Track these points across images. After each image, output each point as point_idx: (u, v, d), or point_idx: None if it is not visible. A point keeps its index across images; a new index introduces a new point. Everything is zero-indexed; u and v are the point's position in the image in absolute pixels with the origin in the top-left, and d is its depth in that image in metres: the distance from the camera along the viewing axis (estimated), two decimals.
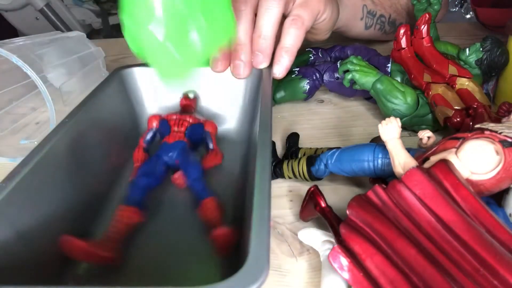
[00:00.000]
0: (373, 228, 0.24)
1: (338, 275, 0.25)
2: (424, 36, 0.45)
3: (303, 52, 0.53)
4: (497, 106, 0.39)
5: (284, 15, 0.39)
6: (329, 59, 0.52)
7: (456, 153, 0.25)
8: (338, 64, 0.46)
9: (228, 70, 0.40)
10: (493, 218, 0.22)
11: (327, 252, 0.26)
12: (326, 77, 0.48)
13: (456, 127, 0.37)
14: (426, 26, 0.44)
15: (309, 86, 0.47)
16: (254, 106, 0.41)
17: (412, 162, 0.26)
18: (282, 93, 0.48)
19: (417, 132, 0.31)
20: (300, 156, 0.38)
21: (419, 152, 0.28)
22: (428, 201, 0.23)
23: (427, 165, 0.26)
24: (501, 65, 0.43)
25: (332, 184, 0.37)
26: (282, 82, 0.48)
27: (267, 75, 0.39)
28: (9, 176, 0.26)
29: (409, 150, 0.28)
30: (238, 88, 0.42)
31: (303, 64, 0.52)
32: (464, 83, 0.41)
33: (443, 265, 0.21)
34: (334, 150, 0.33)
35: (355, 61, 0.42)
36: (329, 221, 0.28)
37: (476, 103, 0.37)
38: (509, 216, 0.26)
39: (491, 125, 0.25)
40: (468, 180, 0.24)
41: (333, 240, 0.27)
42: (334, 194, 0.35)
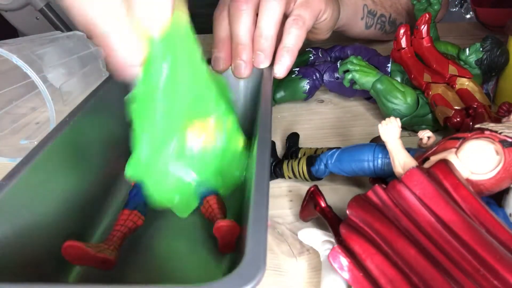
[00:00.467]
0: (373, 228, 0.24)
1: (338, 275, 0.25)
2: (424, 36, 0.45)
3: (303, 52, 0.53)
4: (497, 106, 0.39)
5: (285, 15, 0.39)
6: (329, 59, 0.52)
7: (456, 153, 0.25)
8: (338, 64, 0.46)
9: (229, 69, 0.40)
10: (493, 218, 0.22)
11: (327, 252, 0.26)
12: (326, 77, 0.48)
13: (456, 127, 0.37)
14: (426, 26, 0.44)
15: (309, 86, 0.47)
16: (254, 106, 0.41)
17: (412, 162, 0.26)
18: (282, 93, 0.48)
19: (417, 132, 0.31)
20: (300, 156, 0.38)
21: (419, 152, 0.28)
22: (428, 201, 0.23)
23: (427, 165, 0.26)
24: (501, 65, 0.43)
25: (332, 184, 0.37)
26: (282, 82, 0.48)
27: (268, 75, 0.39)
28: (9, 175, 0.26)
29: (409, 150, 0.28)
30: (238, 88, 0.42)
31: (303, 64, 0.52)
32: (464, 83, 0.41)
33: (443, 265, 0.21)
34: (334, 150, 0.33)
35: (355, 61, 0.42)
36: (329, 221, 0.28)
37: (476, 103, 0.37)
38: (509, 216, 0.26)
39: (491, 125, 0.25)
40: (468, 180, 0.24)
41: (333, 240, 0.27)
42: (334, 194, 0.35)
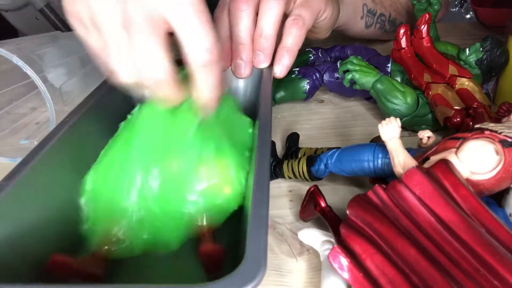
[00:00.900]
0: (373, 228, 0.24)
1: (338, 276, 0.25)
2: (424, 36, 0.45)
3: (303, 52, 0.53)
4: (497, 106, 0.39)
5: (285, 14, 0.39)
6: (329, 59, 0.52)
7: (456, 153, 0.25)
8: (338, 64, 0.46)
9: (229, 70, 0.40)
10: (493, 218, 0.22)
11: (327, 252, 0.26)
12: (326, 77, 0.48)
13: (456, 127, 0.37)
14: (426, 26, 0.44)
15: (309, 86, 0.47)
16: (254, 106, 0.41)
17: (412, 162, 0.26)
18: (282, 93, 0.48)
19: (417, 132, 0.31)
20: (300, 156, 0.38)
21: (419, 152, 0.28)
22: (428, 201, 0.23)
23: (427, 165, 0.26)
24: (501, 65, 0.43)
25: (332, 184, 0.37)
26: (282, 82, 0.48)
27: (268, 75, 0.39)
28: (9, 175, 0.26)
29: (409, 150, 0.28)
30: (238, 88, 0.42)
31: (303, 64, 0.52)
32: (464, 83, 0.41)
33: (443, 265, 0.21)
34: (334, 150, 0.33)
35: (355, 61, 0.42)
36: (329, 221, 0.28)
37: (476, 103, 0.37)
38: (509, 216, 0.26)
39: (491, 125, 0.25)
40: (468, 180, 0.24)
41: (333, 240, 0.27)
42: (334, 194, 0.35)
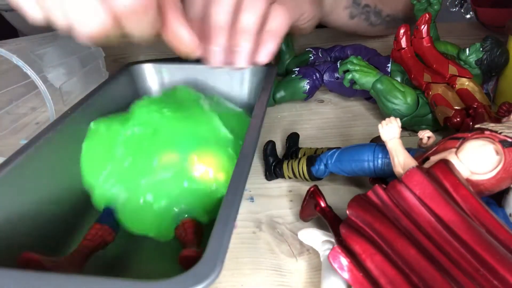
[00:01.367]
0: (373, 228, 0.24)
1: (338, 276, 0.25)
2: (424, 36, 0.44)
3: (303, 52, 0.53)
4: (497, 106, 0.39)
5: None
6: (329, 59, 0.52)
7: (456, 153, 0.25)
8: (338, 64, 0.46)
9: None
10: (493, 218, 0.22)
11: (327, 252, 0.26)
12: (326, 77, 0.48)
13: (456, 127, 0.37)
14: (426, 26, 0.44)
15: (309, 86, 0.47)
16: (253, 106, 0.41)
17: (412, 162, 0.26)
18: (282, 93, 0.48)
19: (417, 132, 0.31)
20: (300, 156, 0.38)
21: (419, 152, 0.28)
22: (428, 201, 0.23)
23: (427, 165, 0.26)
24: (501, 65, 0.43)
25: (332, 184, 0.37)
26: (282, 82, 0.48)
27: (269, 75, 0.39)
28: (4, 162, 0.27)
29: (409, 150, 0.28)
30: (239, 87, 0.43)
31: (303, 64, 0.52)
32: (464, 83, 0.41)
33: (443, 265, 0.21)
34: (334, 150, 0.33)
35: (355, 61, 0.42)
36: (329, 221, 0.28)
37: (476, 103, 0.37)
38: (509, 216, 0.26)
39: (491, 125, 0.25)
40: (468, 180, 0.24)
41: (333, 240, 0.27)
42: (334, 194, 0.35)
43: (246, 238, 0.32)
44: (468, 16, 0.89)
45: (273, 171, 0.37)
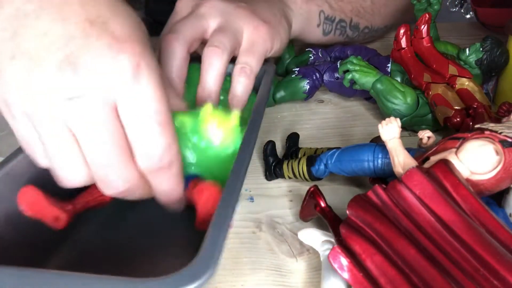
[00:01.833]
0: (373, 228, 0.24)
1: (338, 276, 0.25)
2: (424, 36, 0.44)
3: (303, 52, 0.53)
4: (497, 106, 0.39)
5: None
6: (329, 59, 0.52)
7: (456, 153, 0.25)
8: (338, 64, 0.46)
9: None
10: (493, 218, 0.22)
11: (327, 252, 0.26)
12: (326, 77, 0.48)
13: (456, 127, 0.37)
14: (426, 26, 0.44)
15: (309, 86, 0.47)
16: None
17: (412, 162, 0.26)
18: (282, 93, 0.48)
19: (417, 132, 0.31)
20: (300, 156, 0.38)
21: (419, 152, 0.28)
22: (428, 201, 0.23)
23: (427, 165, 0.26)
24: (501, 65, 0.43)
25: (332, 184, 0.37)
26: (282, 82, 0.48)
27: (268, 74, 0.39)
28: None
29: (409, 150, 0.28)
30: None
31: (303, 64, 0.52)
32: (464, 83, 0.41)
33: (443, 265, 0.21)
34: (334, 150, 0.33)
35: (355, 61, 0.42)
36: (329, 221, 0.28)
37: (476, 103, 0.37)
38: (509, 216, 0.26)
39: (491, 125, 0.25)
40: (468, 180, 0.24)
41: (333, 240, 0.27)
42: (334, 194, 0.35)
43: (246, 238, 0.32)
44: (468, 16, 0.89)
45: (273, 171, 0.37)
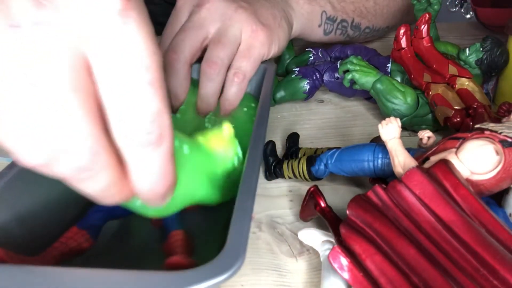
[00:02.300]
0: (373, 228, 0.24)
1: (338, 276, 0.25)
2: (424, 36, 0.44)
3: (303, 52, 0.53)
4: (497, 106, 0.39)
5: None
6: (329, 59, 0.52)
7: (456, 153, 0.25)
8: (338, 64, 0.46)
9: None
10: (493, 218, 0.22)
11: (327, 252, 0.26)
12: (326, 77, 0.48)
13: (456, 127, 0.37)
14: (426, 26, 0.44)
15: (309, 86, 0.47)
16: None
17: (412, 162, 0.26)
18: (282, 93, 0.48)
19: (417, 132, 0.31)
20: (300, 156, 0.38)
21: (419, 152, 0.28)
22: (428, 201, 0.23)
23: (427, 165, 0.26)
24: (501, 65, 0.43)
25: (332, 184, 0.37)
26: (282, 82, 0.48)
27: (270, 74, 0.39)
28: (10, 165, 0.27)
29: (409, 150, 0.28)
30: None
31: (303, 64, 0.52)
32: (464, 83, 0.41)
33: (443, 265, 0.21)
34: (334, 150, 0.33)
35: (355, 61, 0.42)
36: (329, 221, 0.28)
37: (476, 103, 0.37)
38: (509, 216, 0.26)
39: (491, 125, 0.25)
40: (468, 180, 0.24)
41: (333, 240, 0.27)
42: (334, 194, 0.35)
43: None
44: (468, 16, 0.89)
45: (273, 171, 0.37)
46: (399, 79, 0.45)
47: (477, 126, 0.26)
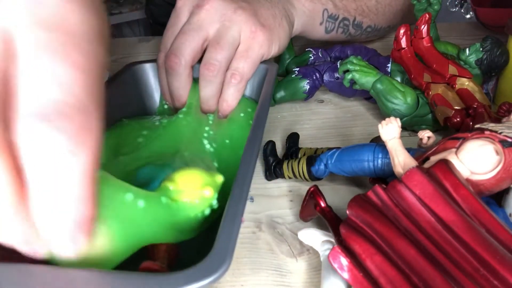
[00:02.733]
0: (373, 228, 0.24)
1: (338, 276, 0.25)
2: (424, 36, 0.44)
3: (303, 52, 0.53)
4: (497, 106, 0.39)
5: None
6: (329, 59, 0.52)
7: (456, 153, 0.25)
8: (338, 64, 0.46)
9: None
10: (493, 218, 0.22)
11: (327, 252, 0.26)
12: (326, 77, 0.48)
13: (456, 127, 0.37)
14: (426, 26, 0.44)
15: (309, 86, 0.47)
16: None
17: (412, 162, 0.26)
18: (282, 93, 0.48)
19: (417, 132, 0.31)
20: (300, 156, 0.38)
21: (419, 152, 0.28)
22: (428, 201, 0.23)
23: (427, 165, 0.26)
24: (501, 65, 0.43)
25: (332, 184, 0.37)
26: (282, 82, 0.48)
27: (271, 75, 0.39)
28: None
29: (409, 150, 0.28)
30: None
31: (303, 64, 0.52)
32: (464, 83, 0.41)
33: (443, 265, 0.21)
34: (334, 150, 0.33)
35: (355, 61, 0.42)
36: (329, 221, 0.28)
37: (476, 103, 0.37)
38: (509, 216, 0.26)
39: (491, 125, 0.25)
40: (468, 180, 0.24)
41: (333, 240, 0.27)
42: (334, 194, 0.35)
43: (246, 238, 0.32)
44: (468, 16, 0.89)
45: (273, 171, 0.37)
46: (399, 79, 0.45)
47: (477, 126, 0.26)
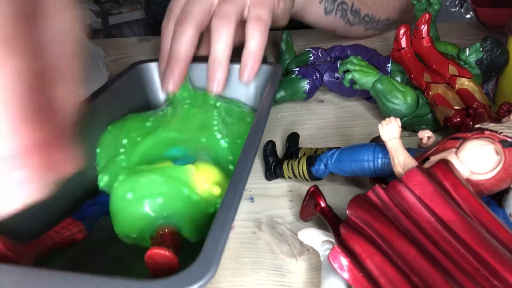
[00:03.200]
0: (373, 228, 0.24)
1: (338, 276, 0.25)
2: (424, 36, 0.44)
3: (303, 52, 0.53)
4: (497, 106, 0.39)
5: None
6: (329, 59, 0.52)
7: (456, 153, 0.25)
8: (338, 64, 0.46)
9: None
10: (493, 218, 0.22)
11: (327, 252, 0.26)
12: (326, 77, 0.48)
13: (456, 127, 0.37)
14: (426, 26, 0.44)
15: (309, 86, 0.47)
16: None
17: (412, 162, 0.26)
18: (282, 93, 0.48)
19: (417, 132, 0.31)
20: (300, 156, 0.38)
21: (419, 152, 0.28)
22: (428, 201, 0.23)
23: (427, 165, 0.26)
24: (501, 65, 0.43)
25: (332, 184, 0.37)
26: (282, 82, 0.48)
27: (275, 76, 0.39)
28: None
29: (409, 150, 0.28)
30: (245, 86, 0.42)
31: (303, 64, 0.52)
32: (464, 83, 0.41)
33: (443, 265, 0.21)
34: (334, 150, 0.33)
35: (355, 61, 0.42)
36: (329, 221, 0.28)
37: (476, 103, 0.37)
38: (509, 216, 0.26)
39: (491, 125, 0.25)
40: (468, 180, 0.24)
41: (333, 240, 0.27)
42: (334, 194, 0.35)
43: (246, 238, 0.32)
44: (468, 16, 0.89)
45: (273, 171, 0.37)
46: (399, 79, 0.45)
47: (477, 126, 0.26)
